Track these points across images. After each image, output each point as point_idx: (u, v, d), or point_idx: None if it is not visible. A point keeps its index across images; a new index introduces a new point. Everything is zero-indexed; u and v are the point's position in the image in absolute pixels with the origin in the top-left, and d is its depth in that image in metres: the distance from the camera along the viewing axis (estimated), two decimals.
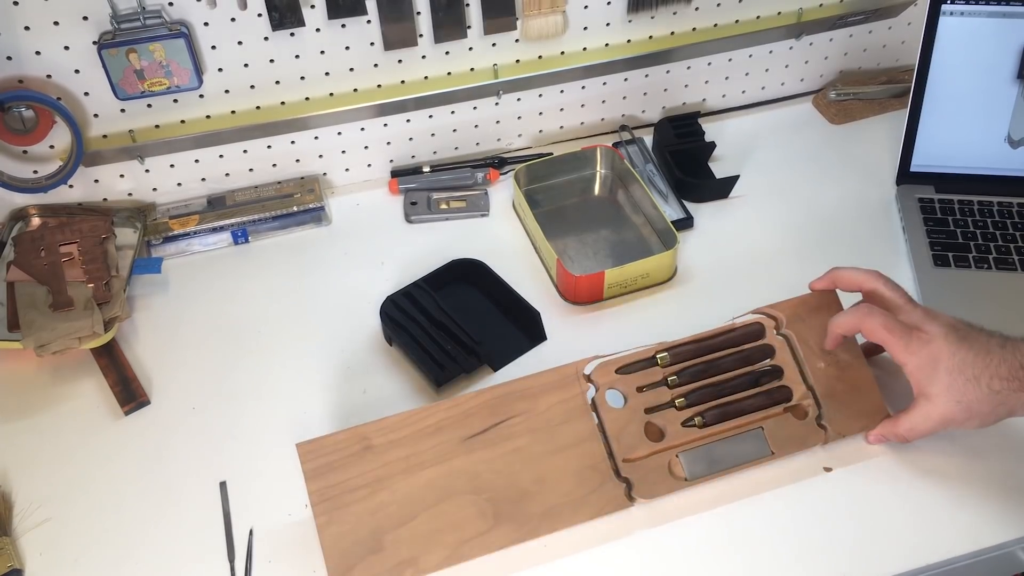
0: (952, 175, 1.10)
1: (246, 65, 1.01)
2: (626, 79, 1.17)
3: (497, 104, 1.14)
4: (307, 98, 1.07)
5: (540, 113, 1.18)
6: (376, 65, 1.06)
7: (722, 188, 1.12)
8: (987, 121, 1.07)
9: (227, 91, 1.03)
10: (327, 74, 1.05)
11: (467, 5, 1.03)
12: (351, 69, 1.06)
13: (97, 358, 0.94)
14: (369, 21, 1.01)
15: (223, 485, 0.84)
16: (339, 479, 0.74)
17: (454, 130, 1.16)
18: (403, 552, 0.73)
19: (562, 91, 1.16)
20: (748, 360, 0.83)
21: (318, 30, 1.01)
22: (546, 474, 0.76)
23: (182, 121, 1.04)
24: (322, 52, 1.03)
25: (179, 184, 1.10)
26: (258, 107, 1.06)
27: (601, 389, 0.80)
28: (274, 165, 1.12)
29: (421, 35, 1.04)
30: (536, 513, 0.75)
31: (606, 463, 0.78)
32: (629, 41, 1.14)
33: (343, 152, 1.13)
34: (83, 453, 0.87)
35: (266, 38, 1.00)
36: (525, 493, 0.76)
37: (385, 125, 1.12)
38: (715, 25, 1.15)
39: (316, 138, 1.11)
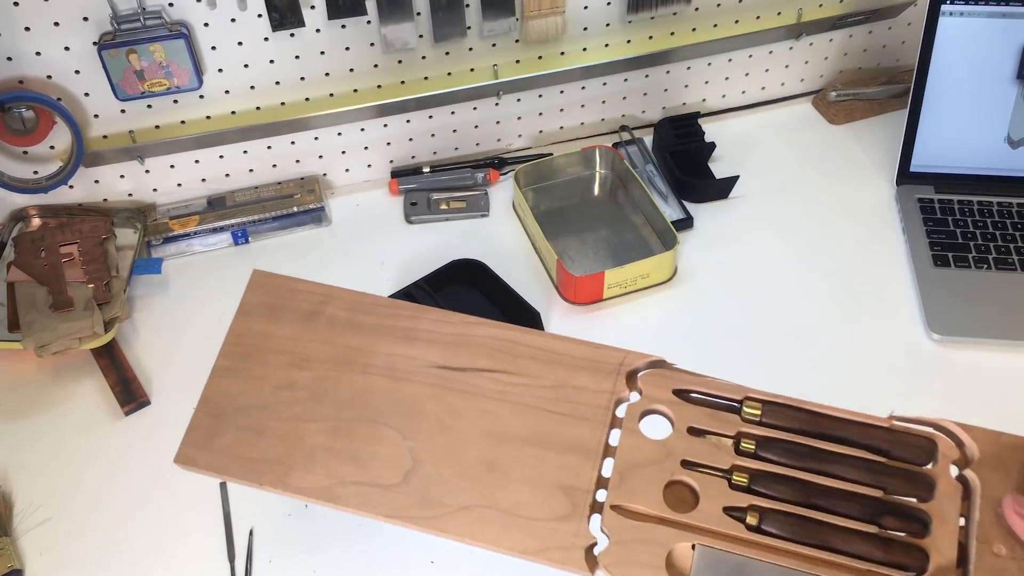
0: (952, 175, 1.10)
1: (246, 66, 1.01)
2: (626, 79, 1.17)
3: (497, 105, 1.14)
4: (307, 99, 1.07)
5: (540, 113, 1.18)
6: (376, 66, 1.06)
7: (722, 188, 1.12)
8: (987, 121, 1.07)
9: (227, 92, 1.03)
10: (327, 75, 1.05)
11: (467, 6, 1.03)
12: (351, 70, 1.06)
13: (97, 358, 0.94)
14: (369, 22, 1.01)
15: (223, 485, 0.84)
16: (269, 331, 0.61)
17: (454, 130, 1.16)
18: (280, 451, 0.58)
19: (562, 91, 1.16)
20: (882, 482, 0.54)
21: (318, 31, 1.01)
22: (504, 464, 0.57)
23: (182, 122, 1.04)
24: (322, 53, 1.03)
25: (179, 184, 1.10)
26: (258, 108, 1.06)
27: (641, 403, 0.58)
28: (274, 166, 1.12)
29: (421, 35, 1.04)
30: (459, 504, 0.55)
31: (587, 497, 0.55)
32: (629, 41, 1.14)
33: (343, 152, 1.14)
34: (83, 453, 0.87)
35: (266, 39, 1.00)
36: (463, 472, 0.56)
37: (385, 126, 1.12)
38: (715, 25, 1.15)
39: (316, 138, 1.11)
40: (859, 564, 0.51)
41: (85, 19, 0.92)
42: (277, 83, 1.04)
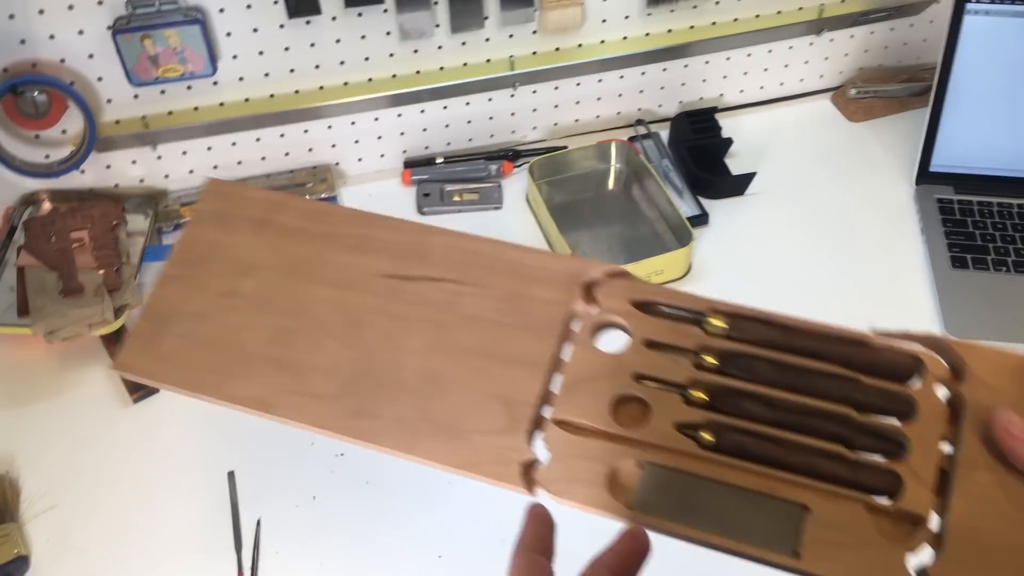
0: (972, 176, 1.08)
1: (261, 53, 1.01)
2: (643, 73, 1.16)
3: (512, 96, 1.13)
4: (321, 87, 1.06)
5: (556, 106, 1.17)
6: (392, 55, 1.05)
7: (738, 185, 1.11)
8: (1010, 122, 1.06)
9: (241, 79, 1.02)
10: (342, 63, 1.04)
11: None
12: (366, 58, 1.05)
13: (107, 345, 0.93)
14: (386, 10, 1.00)
15: (231, 475, 0.84)
16: (219, 239, 0.58)
17: (468, 121, 1.15)
18: (218, 360, 0.55)
19: (578, 84, 1.15)
20: (856, 400, 0.48)
21: (334, 18, 1.00)
22: (445, 376, 0.53)
23: (195, 108, 1.03)
24: (338, 41, 1.02)
25: (191, 171, 1.09)
26: (272, 95, 1.05)
27: (597, 316, 0.53)
28: (287, 154, 1.11)
29: (438, 25, 1.03)
30: (394, 416, 0.52)
31: (529, 411, 0.50)
32: (647, 34, 1.13)
33: (356, 142, 1.13)
34: (91, 441, 0.87)
35: (281, 26, 0.99)
36: (401, 384, 0.53)
37: (399, 115, 1.11)
38: (735, 19, 1.14)
39: (329, 127, 1.10)
40: (822, 485, 0.45)
41: (100, 3, 0.92)
42: (292, 71, 1.03)
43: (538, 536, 0.44)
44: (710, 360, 0.50)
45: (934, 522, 0.44)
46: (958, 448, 0.46)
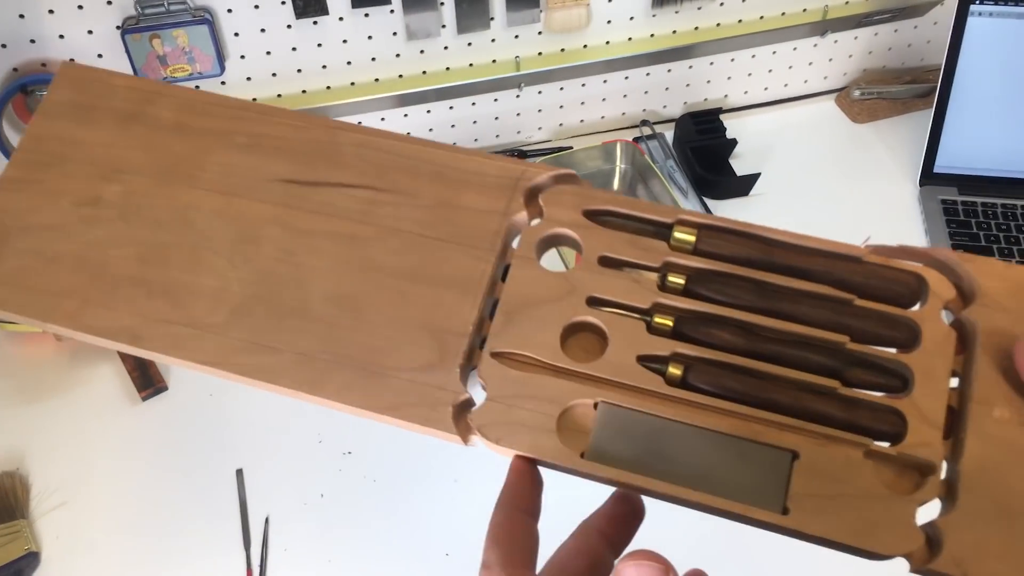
0: (976, 177, 1.09)
1: (268, 53, 1.01)
2: (648, 74, 1.17)
3: (518, 97, 1.14)
4: (328, 87, 1.06)
5: (561, 106, 1.17)
6: (398, 55, 1.06)
7: (743, 186, 1.11)
8: (1014, 123, 1.06)
9: (249, 78, 1.03)
10: (349, 63, 1.05)
11: None
12: (373, 59, 1.05)
13: None
14: (392, 11, 1.01)
15: (239, 473, 0.84)
16: (76, 136, 0.48)
17: (474, 122, 1.15)
18: (76, 282, 0.45)
19: (583, 85, 1.15)
20: (849, 325, 0.41)
21: (341, 19, 1.00)
22: (359, 302, 0.43)
23: None
24: (344, 41, 1.02)
25: None
26: (279, 95, 1.05)
27: (541, 227, 0.44)
28: None
29: (444, 25, 1.04)
30: (296, 350, 0.42)
31: (462, 342, 0.42)
32: (652, 35, 1.13)
33: None
34: (100, 438, 0.87)
35: (289, 26, 0.99)
36: (304, 311, 0.43)
37: (405, 115, 1.12)
38: (739, 21, 1.15)
39: None
40: (812, 427, 0.38)
41: (109, 3, 0.92)
42: (299, 71, 1.04)
43: (521, 493, 0.39)
44: (676, 280, 0.42)
45: (944, 469, 0.38)
46: (970, 382, 0.39)
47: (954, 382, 0.40)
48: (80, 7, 0.91)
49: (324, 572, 0.78)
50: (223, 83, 1.02)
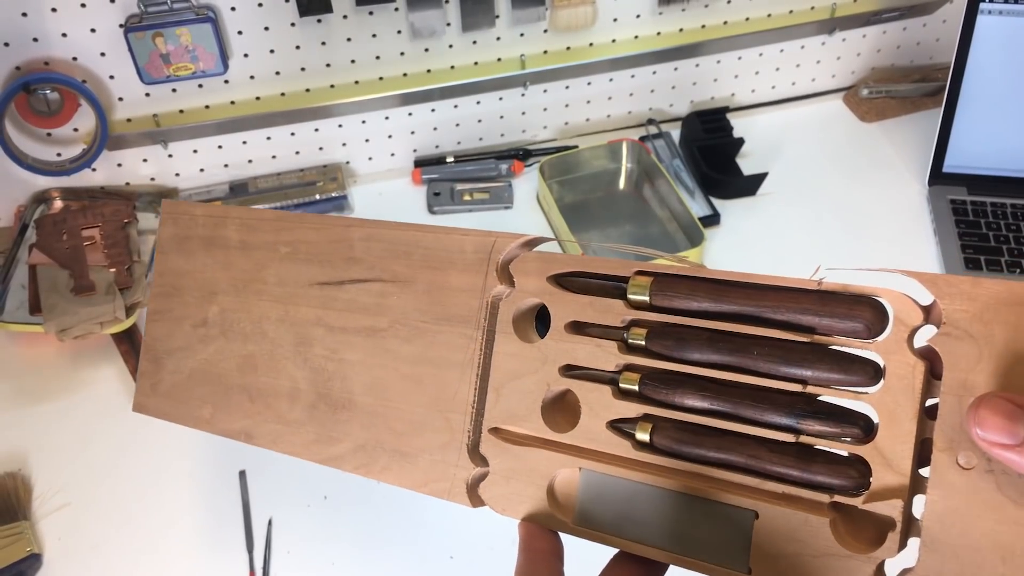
0: (986, 177, 1.08)
1: (272, 51, 1.00)
2: (654, 72, 1.16)
3: (523, 95, 1.13)
4: (332, 85, 1.06)
5: (566, 105, 1.16)
6: (403, 53, 1.05)
7: (750, 185, 1.11)
8: (1023, 123, 1.05)
9: (252, 77, 1.02)
10: (353, 62, 1.04)
11: None
12: (377, 57, 1.05)
13: (118, 344, 0.93)
14: (397, 9, 1.00)
15: (242, 474, 0.84)
16: (182, 266, 0.56)
17: (479, 121, 1.15)
18: (204, 392, 0.54)
19: (589, 83, 1.14)
20: (803, 369, 0.38)
21: (345, 17, 1.00)
22: (386, 389, 0.49)
23: (206, 106, 1.03)
24: (348, 39, 1.02)
25: (202, 170, 1.09)
26: (283, 94, 1.05)
27: (512, 301, 0.45)
28: (297, 152, 1.11)
29: (449, 24, 1.03)
30: (352, 439, 0.49)
31: (465, 420, 0.45)
32: (659, 34, 1.12)
33: (367, 141, 1.12)
34: (102, 439, 0.87)
35: (293, 24, 0.99)
36: (350, 402, 0.49)
37: (410, 114, 1.11)
38: (747, 19, 1.14)
39: (340, 126, 1.10)
40: (769, 485, 0.38)
41: (112, 1, 0.92)
42: (302, 69, 1.03)
43: (535, 546, 0.40)
44: (637, 341, 0.42)
45: (901, 524, 0.36)
46: (936, 420, 0.35)
47: (921, 419, 0.37)
48: (83, 5, 0.91)
49: (327, 574, 0.77)
50: (226, 82, 1.01)
